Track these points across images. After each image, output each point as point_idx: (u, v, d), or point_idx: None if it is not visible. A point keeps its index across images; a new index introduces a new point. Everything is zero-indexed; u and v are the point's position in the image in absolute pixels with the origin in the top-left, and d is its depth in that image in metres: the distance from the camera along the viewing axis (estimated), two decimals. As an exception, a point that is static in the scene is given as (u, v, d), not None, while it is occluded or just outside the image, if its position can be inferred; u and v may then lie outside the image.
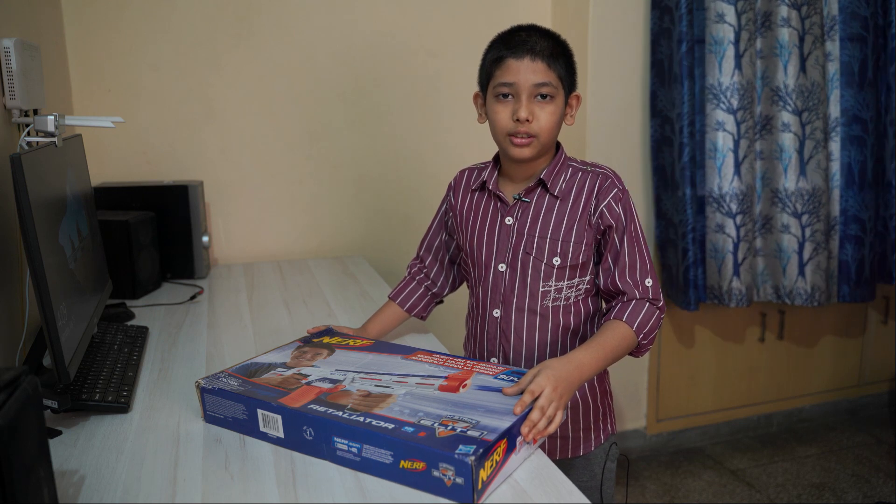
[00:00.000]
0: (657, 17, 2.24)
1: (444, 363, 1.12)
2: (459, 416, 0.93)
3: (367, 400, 0.98)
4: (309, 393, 1.02)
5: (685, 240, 2.26)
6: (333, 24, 2.20)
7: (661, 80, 2.27)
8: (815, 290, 2.31)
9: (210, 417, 1.08)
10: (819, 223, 2.30)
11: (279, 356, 1.18)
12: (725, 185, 2.23)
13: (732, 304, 2.29)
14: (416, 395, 1.00)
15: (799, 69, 2.23)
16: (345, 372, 1.10)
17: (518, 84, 1.16)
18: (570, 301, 1.24)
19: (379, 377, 1.07)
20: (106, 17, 2.02)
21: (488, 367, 1.10)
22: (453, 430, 0.88)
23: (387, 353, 1.18)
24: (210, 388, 1.06)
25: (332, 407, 0.96)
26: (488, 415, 0.93)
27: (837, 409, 2.82)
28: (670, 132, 2.25)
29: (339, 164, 2.28)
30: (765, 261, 2.37)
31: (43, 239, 1.04)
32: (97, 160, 2.00)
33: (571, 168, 1.24)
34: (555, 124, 1.19)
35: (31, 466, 0.71)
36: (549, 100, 1.17)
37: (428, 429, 0.89)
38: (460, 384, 1.03)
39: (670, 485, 2.38)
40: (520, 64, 1.16)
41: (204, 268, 1.99)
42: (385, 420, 0.92)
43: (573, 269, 1.22)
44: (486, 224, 1.28)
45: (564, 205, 1.21)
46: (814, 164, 2.28)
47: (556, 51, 1.18)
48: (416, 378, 1.06)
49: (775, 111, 2.26)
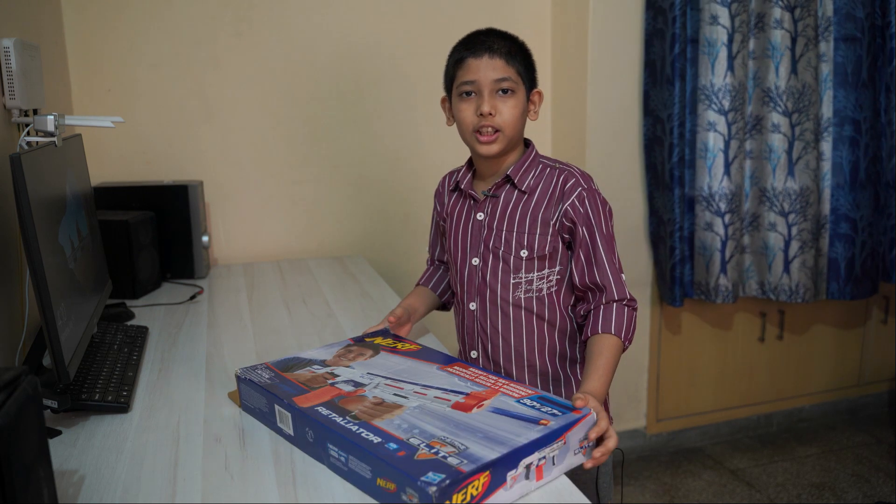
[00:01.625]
0: (651, 18, 2.25)
1: (476, 379, 1.08)
2: (452, 438, 0.88)
3: (376, 409, 0.97)
4: (326, 394, 1.02)
5: (673, 237, 2.28)
6: (333, 23, 2.20)
7: (653, 81, 2.28)
8: (800, 287, 2.34)
9: (245, 407, 1.11)
10: (806, 222, 2.32)
11: (323, 353, 1.20)
12: (715, 185, 2.26)
13: (718, 299, 2.32)
14: (426, 410, 0.97)
15: (790, 71, 2.25)
16: (373, 376, 1.09)
17: (479, 81, 1.21)
18: (543, 293, 1.26)
19: (402, 385, 1.06)
20: (106, 17, 2.02)
21: (516, 389, 1.04)
22: (435, 454, 0.84)
23: (426, 360, 1.16)
24: (243, 378, 1.09)
25: (337, 412, 0.96)
26: (483, 442, 0.87)
27: (837, 408, 2.82)
28: (661, 132, 2.26)
29: (338, 164, 2.28)
30: (751, 257, 2.40)
31: (43, 239, 1.04)
32: (97, 160, 2.00)
33: (542, 165, 1.28)
34: (518, 118, 1.23)
35: (31, 466, 0.71)
36: (510, 94, 1.22)
37: (411, 449, 0.85)
38: (476, 404, 0.99)
39: (670, 485, 2.38)
40: (479, 62, 1.22)
41: (204, 268, 1.99)
42: (377, 433, 0.89)
43: (541, 259, 1.25)
44: (461, 222, 1.33)
45: (531, 199, 1.25)
46: (802, 164, 2.30)
47: (514, 49, 1.23)
48: (437, 391, 1.03)
49: (766, 112, 2.28)
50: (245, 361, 1.35)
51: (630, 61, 2.30)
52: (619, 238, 2.31)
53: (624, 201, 2.35)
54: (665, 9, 2.17)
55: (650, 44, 2.27)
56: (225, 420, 1.10)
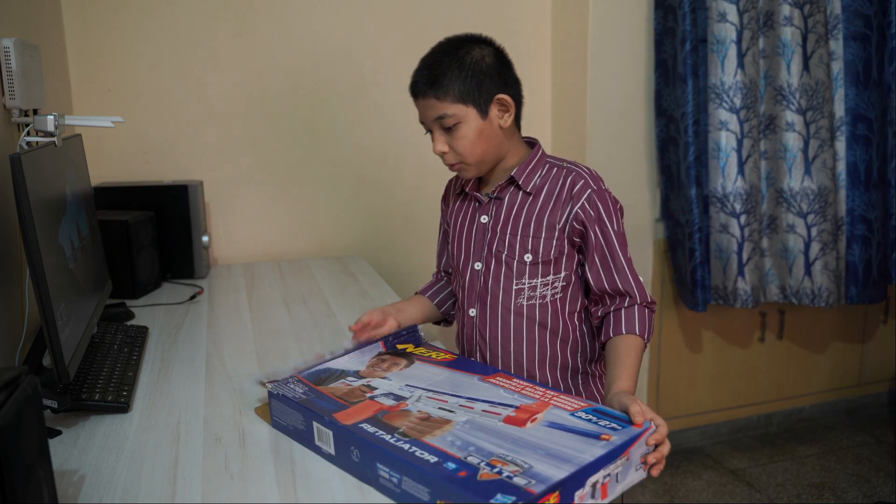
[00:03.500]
0: (661, 17, 2.24)
1: (522, 390, 1.02)
2: (513, 456, 0.83)
3: (424, 424, 0.91)
4: (367, 409, 0.96)
5: (692, 240, 2.25)
6: (333, 23, 2.20)
7: (665, 80, 2.26)
8: (823, 290, 2.29)
9: (276, 423, 1.05)
10: (826, 223, 2.28)
11: (356, 362, 1.14)
12: (729, 185, 2.22)
13: (738, 304, 2.28)
14: (477, 425, 0.91)
15: (802, 68, 2.22)
16: (413, 388, 1.03)
17: (426, 122, 1.22)
18: (547, 300, 1.22)
19: (446, 399, 0.99)
20: (106, 17, 2.02)
21: (568, 401, 0.98)
22: (499, 474, 0.79)
23: (465, 371, 1.10)
24: (276, 394, 1.03)
25: (384, 429, 0.90)
26: (546, 459, 0.82)
27: (837, 408, 2.82)
28: (675, 132, 2.25)
29: (338, 164, 2.28)
30: (771, 261, 2.34)
31: (43, 239, 1.04)
32: (97, 160, 2.00)
33: (549, 164, 1.23)
34: (473, 143, 1.18)
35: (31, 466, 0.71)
36: (456, 126, 1.17)
37: (471, 468, 0.80)
38: (529, 418, 0.92)
39: (670, 484, 2.38)
40: (418, 103, 1.22)
41: (204, 268, 1.99)
42: (431, 451, 0.84)
43: (546, 265, 1.20)
44: (465, 225, 1.30)
45: (536, 201, 1.21)
46: (819, 163, 2.26)
47: (440, 77, 1.16)
48: (485, 404, 0.97)
49: (779, 110, 2.25)
50: (245, 362, 1.35)
51: (634, 61, 2.29)
52: (621, 239, 2.34)
53: (627, 202, 2.33)
54: (674, 7, 2.16)
55: (661, 43, 2.25)
56: (225, 420, 1.10)
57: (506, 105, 1.19)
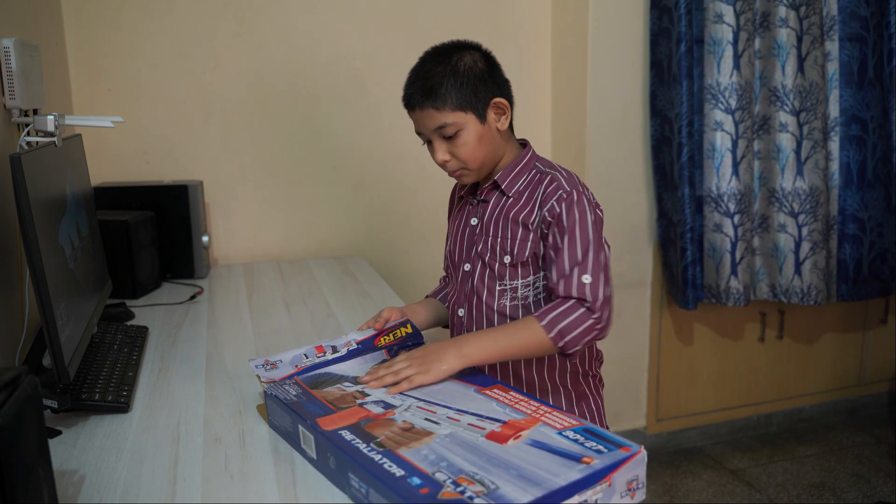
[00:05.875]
0: (656, 17, 2.24)
1: (516, 404, 0.98)
2: (482, 475, 0.79)
3: (403, 435, 0.89)
4: (352, 416, 0.95)
5: (684, 239, 2.26)
6: (333, 23, 2.20)
7: (660, 80, 2.27)
8: (812, 289, 2.32)
9: (271, 423, 1.05)
10: (816, 223, 2.30)
11: (356, 367, 1.13)
12: (723, 185, 2.24)
13: (730, 303, 2.30)
14: (458, 439, 0.88)
15: (797, 69, 2.24)
16: (406, 397, 1.02)
17: (424, 133, 1.21)
18: (529, 300, 1.22)
19: (435, 409, 0.97)
20: (106, 16, 2.02)
21: (559, 418, 0.93)
22: (461, 493, 0.75)
23: (465, 381, 1.07)
24: (270, 394, 1.03)
25: (362, 437, 0.88)
26: (516, 481, 0.77)
27: (837, 408, 2.82)
28: (669, 132, 2.25)
29: (338, 164, 2.28)
30: (761, 259, 2.38)
31: (43, 239, 1.04)
32: (97, 160, 2.00)
33: (535, 170, 1.23)
34: (475, 148, 1.18)
35: (31, 466, 0.71)
36: (457, 134, 1.17)
37: (435, 486, 0.77)
38: (513, 434, 0.89)
39: (670, 484, 2.38)
40: (414, 115, 1.21)
41: (204, 268, 1.99)
42: (401, 464, 0.82)
43: (524, 266, 1.20)
44: (459, 227, 1.31)
45: (515, 203, 1.22)
46: (811, 163, 2.28)
47: (436, 87, 1.16)
48: (472, 417, 0.94)
49: (773, 111, 2.27)
50: (245, 362, 1.35)
51: (632, 61, 2.30)
52: (621, 239, 2.35)
53: (626, 202, 2.35)
54: (670, 8, 2.17)
55: (656, 43, 2.26)
56: (225, 420, 1.10)
57: (502, 108, 1.20)
